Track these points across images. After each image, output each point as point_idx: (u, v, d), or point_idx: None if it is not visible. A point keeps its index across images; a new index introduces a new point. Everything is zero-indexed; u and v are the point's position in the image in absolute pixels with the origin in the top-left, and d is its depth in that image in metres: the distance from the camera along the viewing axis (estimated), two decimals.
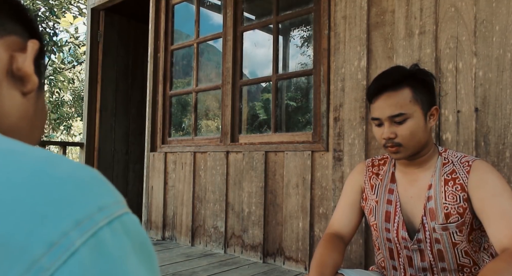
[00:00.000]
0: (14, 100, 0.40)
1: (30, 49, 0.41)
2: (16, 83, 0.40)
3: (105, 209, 0.26)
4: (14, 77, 0.40)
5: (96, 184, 0.28)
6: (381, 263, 1.23)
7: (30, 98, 0.42)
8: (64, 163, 0.28)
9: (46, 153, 0.28)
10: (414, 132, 1.06)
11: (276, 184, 2.43)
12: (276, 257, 2.39)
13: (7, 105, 0.39)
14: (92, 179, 0.28)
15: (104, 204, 0.27)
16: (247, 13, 3.07)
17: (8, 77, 0.39)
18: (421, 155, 1.12)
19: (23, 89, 0.41)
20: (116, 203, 0.28)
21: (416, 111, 1.07)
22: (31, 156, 0.27)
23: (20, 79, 0.40)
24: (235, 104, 2.76)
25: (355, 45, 2.10)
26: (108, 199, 0.27)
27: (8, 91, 0.39)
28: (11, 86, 0.40)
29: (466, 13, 1.75)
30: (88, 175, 0.28)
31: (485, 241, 1.12)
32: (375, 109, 1.10)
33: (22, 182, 0.25)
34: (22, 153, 0.27)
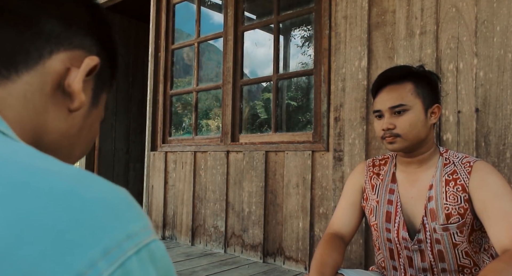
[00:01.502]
0: (59, 116, 0.39)
1: (84, 65, 0.39)
2: (64, 99, 0.39)
3: (133, 237, 0.26)
4: (64, 93, 0.38)
5: (125, 208, 0.27)
6: (381, 263, 1.23)
7: (76, 116, 0.40)
8: (96, 183, 0.27)
9: (78, 172, 0.28)
10: (413, 124, 1.07)
11: (276, 184, 2.43)
12: (276, 256, 2.39)
13: (51, 121, 0.38)
14: (121, 202, 0.27)
15: (133, 231, 0.26)
16: (248, 13, 3.07)
17: (58, 92, 0.38)
18: (421, 152, 1.12)
19: (70, 106, 0.39)
20: (144, 229, 0.27)
21: (417, 105, 1.08)
22: (64, 175, 0.26)
23: (69, 96, 0.39)
24: (235, 104, 2.76)
25: (356, 45, 2.10)
26: (137, 225, 0.27)
27: (55, 106, 0.38)
28: (59, 101, 0.38)
29: (467, 13, 1.75)
30: (118, 197, 0.27)
31: (486, 242, 1.12)
32: (377, 102, 1.12)
33: (53, 204, 0.24)
34: (55, 172, 0.26)
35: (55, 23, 0.37)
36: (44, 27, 0.36)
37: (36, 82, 0.36)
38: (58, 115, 0.39)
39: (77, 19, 0.40)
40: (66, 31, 0.38)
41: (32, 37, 0.36)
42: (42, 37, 0.36)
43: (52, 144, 0.39)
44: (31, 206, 0.23)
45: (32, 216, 0.23)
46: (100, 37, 0.42)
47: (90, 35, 0.41)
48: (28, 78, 0.36)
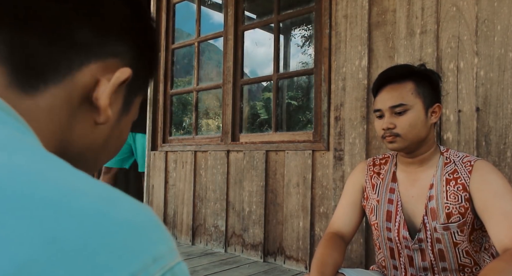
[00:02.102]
0: (85, 129, 0.38)
1: (114, 79, 0.37)
2: (92, 111, 0.37)
3: (159, 260, 0.26)
4: (91, 105, 0.37)
5: (152, 229, 0.27)
6: (382, 262, 1.23)
7: (104, 128, 0.39)
8: (124, 203, 0.27)
9: (106, 190, 0.27)
10: (413, 124, 1.07)
11: (276, 183, 2.43)
12: (277, 256, 2.39)
13: (76, 134, 0.37)
14: (149, 223, 0.27)
15: (159, 254, 0.26)
16: (248, 12, 3.07)
17: (85, 104, 0.36)
18: (421, 152, 1.12)
19: (97, 119, 0.38)
20: (170, 252, 0.27)
21: (417, 104, 1.08)
22: (93, 194, 0.26)
23: (96, 108, 0.37)
24: (236, 104, 2.75)
25: (356, 44, 2.09)
26: (163, 248, 0.26)
27: (82, 118, 0.37)
28: (87, 114, 0.37)
29: (468, 12, 1.75)
30: (145, 218, 0.27)
31: (486, 241, 1.12)
32: (378, 101, 1.13)
33: (84, 226, 0.24)
34: (85, 191, 0.26)
35: (87, 32, 0.35)
36: (75, 37, 0.34)
37: (63, 95, 0.35)
38: (84, 128, 0.38)
39: (113, 25, 0.37)
40: (99, 40, 0.36)
41: (62, 48, 0.34)
42: (72, 49, 0.34)
43: (76, 156, 0.38)
44: (63, 227, 0.23)
45: (64, 238, 0.23)
46: (137, 41, 0.39)
47: (126, 40, 0.38)
48: (55, 90, 0.34)
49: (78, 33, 0.35)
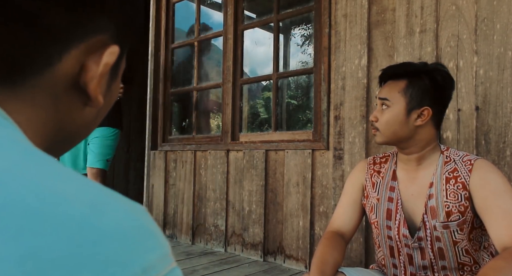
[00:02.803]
0: (75, 112, 0.36)
1: (102, 67, 0.34)
2: (80, 94, 0.35)
3: (149, 270, 0.24)
4: (79, 89, 0.34)
5: (142, 236, 0.25)
6: (381, 261, 1.24)
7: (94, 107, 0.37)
8: (111, 208, 0.25)
9: (93, 192, 0.25)
10: (390, 122, 1.10)
11: (276, 183, 2.43)
12: (277, 255, 2.39)
13: (66, 119, 0.35)
14: (138, 230, 0.25)
15: (149, 264, 0.24)
16: (247, 12, 3.06)
17: (73, 89, 0.34)
18: (415, 150, 1.13)
19: (87, 103, 0.36)
20: (161, 260, 0.25)
21: (399, 104, 1.10)
22: (78, 199, 0.24)
23: (84, 93, 0.35)
24: (235, 103, 2.76)
25: (356, 43, 2.09)
26: (154, 257, 0.25)
27: (70, 104, 0.35)
28: (75, 98, 0.35)
29: (467, 11, 1.75)
30: (134, 224, 0.25)
31: (486, 239, 1.12)
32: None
33: (65, 237, 0.22)
34: (69, 196, 0.24)
35: (62, 16, 0.31)
36: (49, 24, 0.31)
37: (45, 86, 0.32)
38: (74, 111, 0.36)
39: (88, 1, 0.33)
40: (76, 20, 0.32)
41: (35, 38, 0.31)
42: (47, 37, 0.31)
43: (69, 136, 0.37)
44: (41, 240, 0.21)
45: (41, 253, 0.21)
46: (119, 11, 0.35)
47: (106, 12, 0.34)
48: (36, 82, 0.32)
49: (51, 19, 0.31)
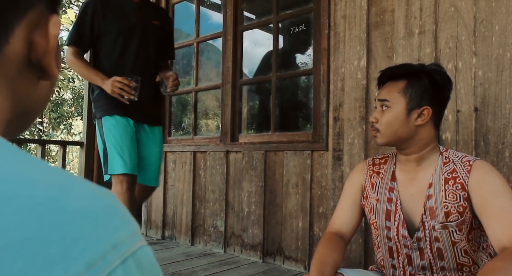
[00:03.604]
0: (30, 87, 0.36)
1: (52, 38, 0.34)
2: (33, 69, 0.35)
3: (119, 246, 0.24)
4: (33, 65, 0.34)
5: (110, 215, 0.26)
6: (381, 262, 1.24)
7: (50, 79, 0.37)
8: (78, 190, 0.25)
9: (61, 177, 0.26)
10: (390, 122, 1.11)
11: (275, 184, 2.43)
12: (276, 256, 2.39)
13: (22, 93, 0.35)
14: (106, 209, 0.26)
15: (119, 240, 0.25)
16: (247, 13, 3.07)
17: (25, 66, 0.34)
18: (414, 151, 1.13)
19: (41, 76, 0.36)
20: (131, 237, 0.26)
21: (399, 104, 1.10)
22: (45, 182, 0.24)
23: (38, 68, 0.35)
24: (235, 104, 2.76)
25: (355, 44, 2.10)
26: (123, 233, 0.25)
27: (25, 80, 0.35)
28: (28, 74, 0.35)
29: (466, 12, 1.75)
30: (102, 204, 0.26)
31: (484, 240, 1.12)
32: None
33: (33, 216, 0.22)
34: (36, 180, 0.24)
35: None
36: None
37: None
38: (28, 88, 0.36)
39: None
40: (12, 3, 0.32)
41: None
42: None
43: (25, 113, 0.37)
44: (10, 219, 0.22)
45: (11, 230, 0.21)
46: None
47: None
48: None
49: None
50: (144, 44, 1.94)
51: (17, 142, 3.39)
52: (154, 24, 1.99)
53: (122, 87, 1.78)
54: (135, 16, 1.92)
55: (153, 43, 1.98)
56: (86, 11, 1.87)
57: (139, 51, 1.92)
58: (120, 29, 1.89)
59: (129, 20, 1.91)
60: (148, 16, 1.97)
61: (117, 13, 1.90)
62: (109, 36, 1.89)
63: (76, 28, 1.88)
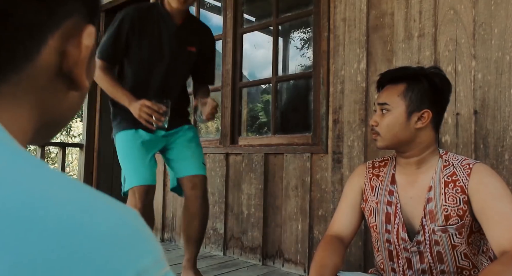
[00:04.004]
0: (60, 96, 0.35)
1: (84, 49, 0.33)
2: (64, 80, 0.34)
3: (143, 275, 0.23)
4: (64, 75, 0.33)
5: (135, 240, 0.24)
6: (380, 265, 1.23)
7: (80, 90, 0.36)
8: (103, 211, 0.24)
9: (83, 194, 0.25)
10: (390, 126, 1.11)
11: (275, 186, 2.43)
12: (275, 259, 2.38)
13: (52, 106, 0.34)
14: (131, 234, 0.25)
15: (144, 268, 0.24)
16: (247, 15, 3.07)
17: (57, 76, 0.33)
18: (414, 154, 1.13)
19: (71, 87, 0.35)
20: (155, 264, 0.25)
21: (399, 107, 1.11)
22: (68, 202, 0.23)
23: (68, 78, 0.34)
24: (234, 106, 2.76)
25: (355, 47, 2.10)
26: (148, 260, 0.24)
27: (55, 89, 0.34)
28: (59, 83, 0.34)
29: (465, 16, 1.75)
30: (127, 228, 0.25)
31: (484, 244, 1.12)
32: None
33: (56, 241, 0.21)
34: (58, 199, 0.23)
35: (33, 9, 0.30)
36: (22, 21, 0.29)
37: (28, 80, 0.32)
38: (58, 98, 0.35)
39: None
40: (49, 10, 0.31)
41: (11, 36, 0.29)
42: (23, 34, 0.30)
43: (54, 122, 0.36)
44: (32, 246, 0.21)
45: (32, 259, 0.20)
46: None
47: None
48: (17, 79, 0.31)
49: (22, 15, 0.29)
50: (172, 70, 1.78)
51: None
52: (189, 51, 1.82)
53: (150, 113, 1.60)
54: (169, 42, 1.75)
55: (184, 69, 1.83)
56: (123, 25, 1.72)
57: (166, 77, 1.77)
58: (150, 53, 1.75)
59: (162, 45, 1.75)
60: (185, 41, 1.80)
61: (152, 35, 1.74)
62: (139, 56, 1.75)
63: (110, 42, 1.73)
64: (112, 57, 1.74)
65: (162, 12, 1.75)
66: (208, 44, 1.90)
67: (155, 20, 1.74)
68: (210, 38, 1.92)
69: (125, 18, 1.72)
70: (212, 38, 1.94)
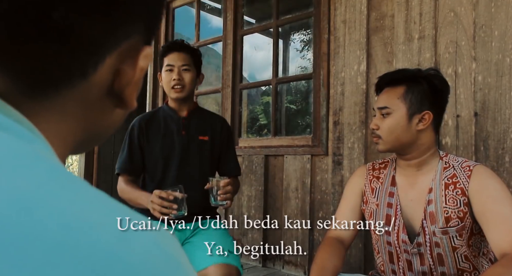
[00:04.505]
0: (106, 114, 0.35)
1: (139, 71, 0.33)
2: (112, 99, 0.34)
3: None
4: (113, 94, 0.33)
5: (171, 270, 0.23)
6: (381, 267, 1.23)
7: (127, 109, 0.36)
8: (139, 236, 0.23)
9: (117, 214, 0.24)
10: (392, 128, 1.11)
11: (275, 188, 2.43)
12: (276, 261, 2.38)
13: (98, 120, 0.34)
14: (167, 262, 0.23)
15: None
16: (247, 17, 3.08)
17: (107, 94, 0.33)
18: (415, 156, 1.13)
19: (118, 105, 0.34)
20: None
21: (400, 110, 1.11)
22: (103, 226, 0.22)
23: (118, 97, 0.34)
24: (235, 108, 2.76)
25: (355, 49, 2.10)
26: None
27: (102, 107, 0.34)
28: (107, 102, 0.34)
29: (465, 18, 1.76)
30: (163, 255, 0.23)
31: (485, 246, 1.12)
32: (375, 101, 1.20)
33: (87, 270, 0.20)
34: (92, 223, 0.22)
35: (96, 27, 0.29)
36: (84, 38, 0.29)
37: (78, 96, 0.31)
38: (104, 115, 0.35)
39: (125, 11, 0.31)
40: (111, 30, 0.30)
41: (70, 52, 0.29)
42: (83, 50, 0.29)
43: (95, 137, 0.37)
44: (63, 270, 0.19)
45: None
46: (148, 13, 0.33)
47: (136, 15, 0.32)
48: (68, 93, 0.31)
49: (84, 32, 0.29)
50: (186, 163, 1.67)
51: None
52: (201, 140, 1.71)
53: (160, 203, 1.48)
54: (178, 135, 1.67)
55: (198, 159, 1.69)
56: (133, 134, 1.67)
57: (181, 171, 1.66)
58: (161, 151, 1.66)
59: (172, 140, 1.67)
60: (195, 131, 1.70)
61: (160, 133, 1.68)
62: (151, 158, 1.67)
63: (127, 155, 1.66)
64: (134, 170, 1.68)
65: (167, 110, 1.71)
66: (222, 132, 1.76)
67: (162, 119, 1.70)
68: (223, 126, 1.77)
69: (133, 129, 1.68)
70: (226, 126, 1.79)
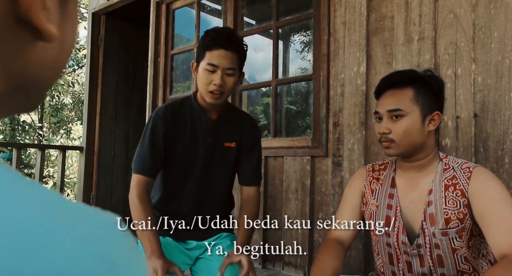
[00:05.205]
0: (27, 48, 0.28)
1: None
2: (28, 29, 0.27)
3: None
4: (25, 22, 0.27)
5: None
6: (380, 268, 1.23)
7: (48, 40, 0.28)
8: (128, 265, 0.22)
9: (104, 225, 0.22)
10: (407, 131, 1.08)
11: (275, 189, 2.42)
12: (275, 262, 2.38)
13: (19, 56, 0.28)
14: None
15: None
16: (247, 18, 3.08)
17: (17, 23, 0.27)
18: (419, 158, 1.13)
19: (37, 36, 0.28)
20: None
21: (414, 112, 1.09)
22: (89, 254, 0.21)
23: (29, 25, 0.27)
24: None
25: (355, 50, 2.11)
26: None
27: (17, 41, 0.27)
28: (23, 33, 0.27)
29: (465, 19, 1.76)
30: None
31: (484, 247, 1.12)
32: (378, 104, 1.15)
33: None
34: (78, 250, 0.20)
35: None
36: None
37: None
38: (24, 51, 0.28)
39: None
40: None
41: None
42: None
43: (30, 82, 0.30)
44: None
45: None
46: None
47: None
48: None
49: None
50: (208, 173, 1.51)
51: (17, 147, 3.39)
52: (226, 148, 1.54)
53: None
54: (204, 141, 1.50)
55: (222, 170, 1.54)
56: (156, 131, 1.48)
57: (201, 183, 1.51)
58: (183, 157, 1.50)
59: (197, 145, 1.50)
60: (222, 137, 1.53)
61: (185, 135, 1.50)
62: (171, 161, 1.50)
63: (148, 151, 1.47)
64: (151, 170, 1.47)
65: (195, 107, 1.50)
66: (250, 137, 1.56)
67: (188, 117, 1.50)
68: (253, 130, 1.58)
69: (157, 122, 1.49)
70: (256, 129, 1.60)
